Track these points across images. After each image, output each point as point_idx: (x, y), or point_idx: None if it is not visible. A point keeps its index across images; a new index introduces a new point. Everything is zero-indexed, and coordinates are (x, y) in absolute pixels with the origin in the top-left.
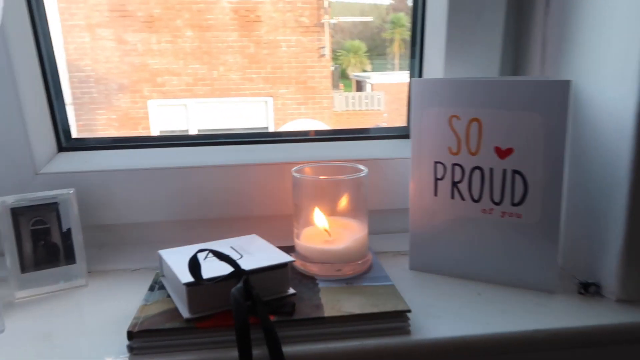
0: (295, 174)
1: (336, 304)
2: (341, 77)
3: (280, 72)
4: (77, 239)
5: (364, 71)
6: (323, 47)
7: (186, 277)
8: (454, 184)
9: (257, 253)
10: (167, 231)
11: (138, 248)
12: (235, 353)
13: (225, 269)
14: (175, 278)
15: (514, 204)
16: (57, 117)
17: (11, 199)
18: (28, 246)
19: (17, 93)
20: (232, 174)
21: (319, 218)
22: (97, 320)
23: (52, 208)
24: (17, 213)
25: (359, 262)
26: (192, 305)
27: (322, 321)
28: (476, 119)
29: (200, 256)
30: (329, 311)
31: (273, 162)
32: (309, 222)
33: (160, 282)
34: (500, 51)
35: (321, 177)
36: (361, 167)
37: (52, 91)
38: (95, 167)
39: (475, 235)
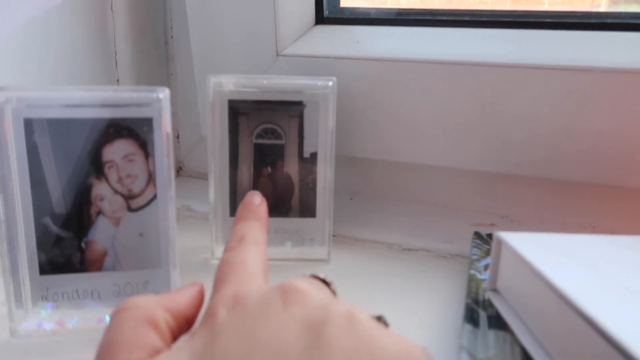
0: None
1: None
2: None
3: None
4: (325, 175)
5: None
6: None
7: None
8: None
9: None
10: (455, 187)
11: (412, 207)
12: None
13: None
14: (584, 329)
15: None
16: None
17: (231, 83)
18: (245, 171)
19: None
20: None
21: None
22: None
23: (293, 111)
24: (237, 111)
25: None
26: None
27: None
28: None
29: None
30: None
31: None
32: None
33: (488, 301)
34: None
35: None
36: None
37: None
38: (363, 52)
39: None
